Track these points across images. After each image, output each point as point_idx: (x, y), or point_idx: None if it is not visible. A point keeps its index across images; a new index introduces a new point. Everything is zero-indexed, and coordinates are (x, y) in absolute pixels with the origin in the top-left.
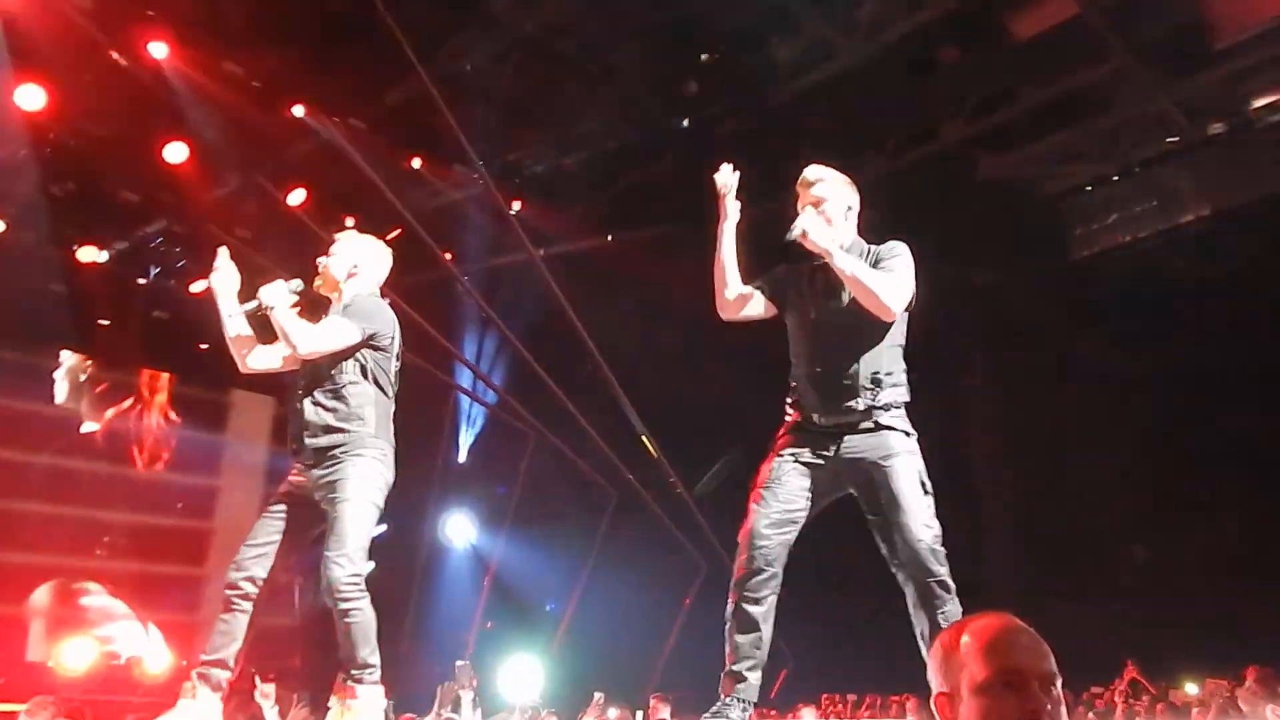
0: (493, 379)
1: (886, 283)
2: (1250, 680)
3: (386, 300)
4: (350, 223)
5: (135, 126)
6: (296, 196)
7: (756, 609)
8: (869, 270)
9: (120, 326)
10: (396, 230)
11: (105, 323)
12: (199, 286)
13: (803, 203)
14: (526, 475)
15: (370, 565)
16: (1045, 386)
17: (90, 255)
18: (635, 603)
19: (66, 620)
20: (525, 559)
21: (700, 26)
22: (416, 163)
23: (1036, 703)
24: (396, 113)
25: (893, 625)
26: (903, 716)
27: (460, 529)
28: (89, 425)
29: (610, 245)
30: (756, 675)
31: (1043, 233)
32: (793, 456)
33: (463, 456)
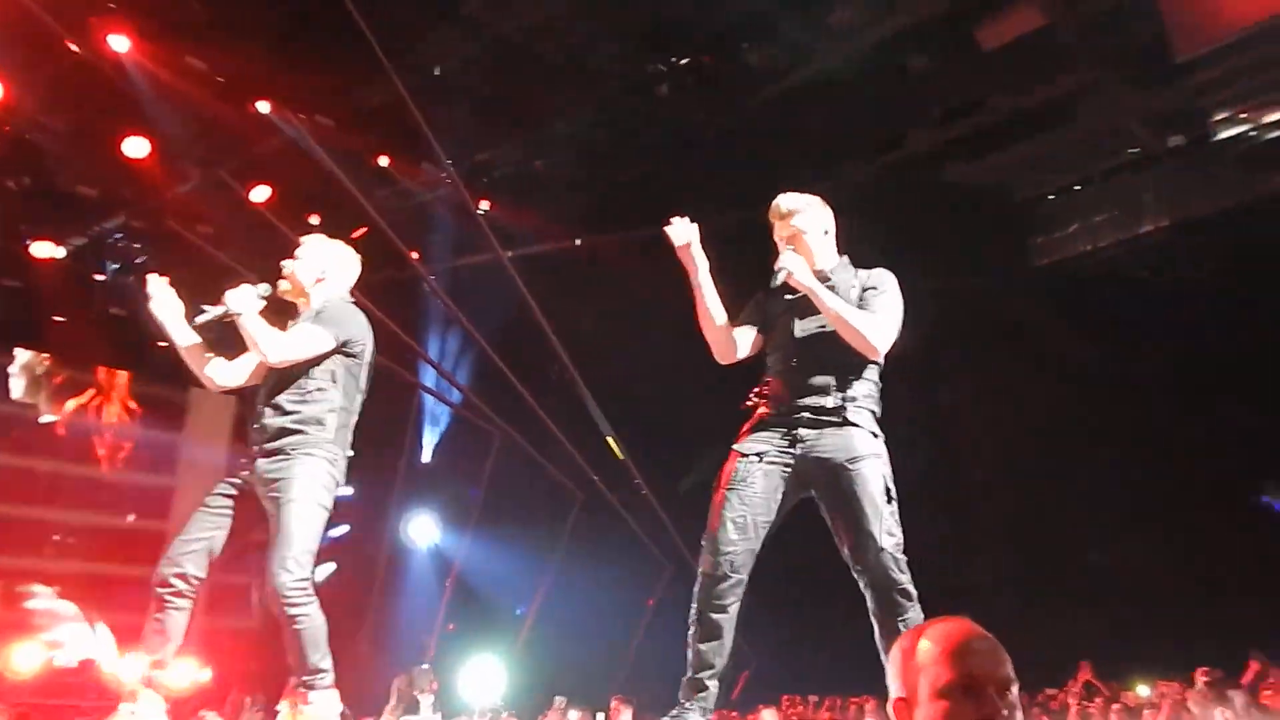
0: (458, 379)
1: (871, 324)
2: (1200, 682)
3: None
4: (316, 221)
5: (94, 120)
6: (261, 194)
7: (720, 616)
8: (854, 311)
9: (77, 323)
10: (363, 229)
11: (61, 319)
12: None
13: (778, 235)
14: (491, 476)
15: (330, 567)
16: (1008, 389)
17: (46, 251)
18: (599, 604)
19: (13, 624)
20: (489, 560)
21: (675, 30)
22: (384, 161)
23: (993, 707)
24: (364, 111)
25: (854, 628)
26: (861, 718)
27: (423, 530)
28: (48, 417)
29: (579, 246)
30: (716, 684)
31: (1008, 239)
32: (758, 456)
33: (426, 457)
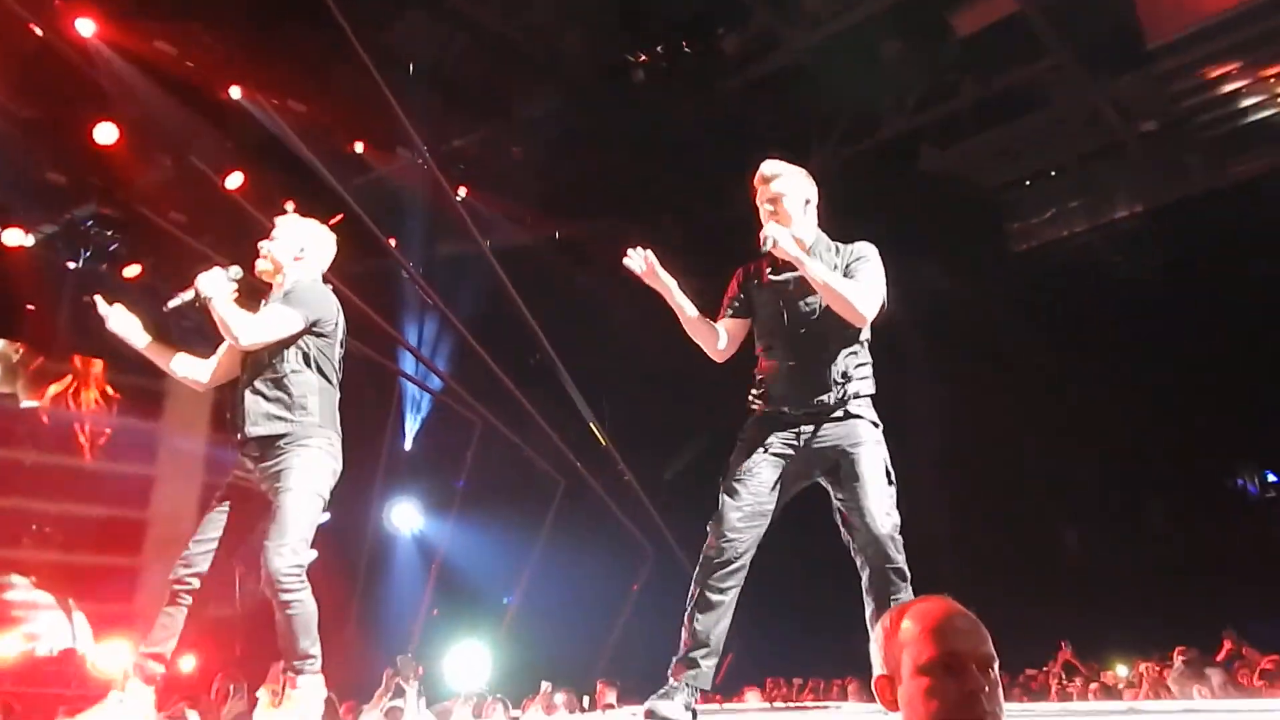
0: (439, 366)
1: (858, 291)
2: (1179, 661)
3: (329, 286)
4: (290, 207)
5: (62, 106)
6: (234, 180)
7: (719, 598)
8: (840, 280)
9: (49, 311)
10: (338, 215)
11: (32, 308)
12: (132, 271)
13: (760, 199)
14: (473, 462)
15: (313, 554)
16: (982, 376)
17: (16, 239)
18: (583, 589)
19: None
20: (472, 546)
21: (648, 16)
22: (359, 147)
23: (975, 684)
24: (338, 96)
25: (836, 611)
26: (844, 698)
27: (406, 516)
28: (29, 403)
29: (558, 230)
30: (710, 664)
31: (982, 226)
32: (763, 448)
33: (408, 444)
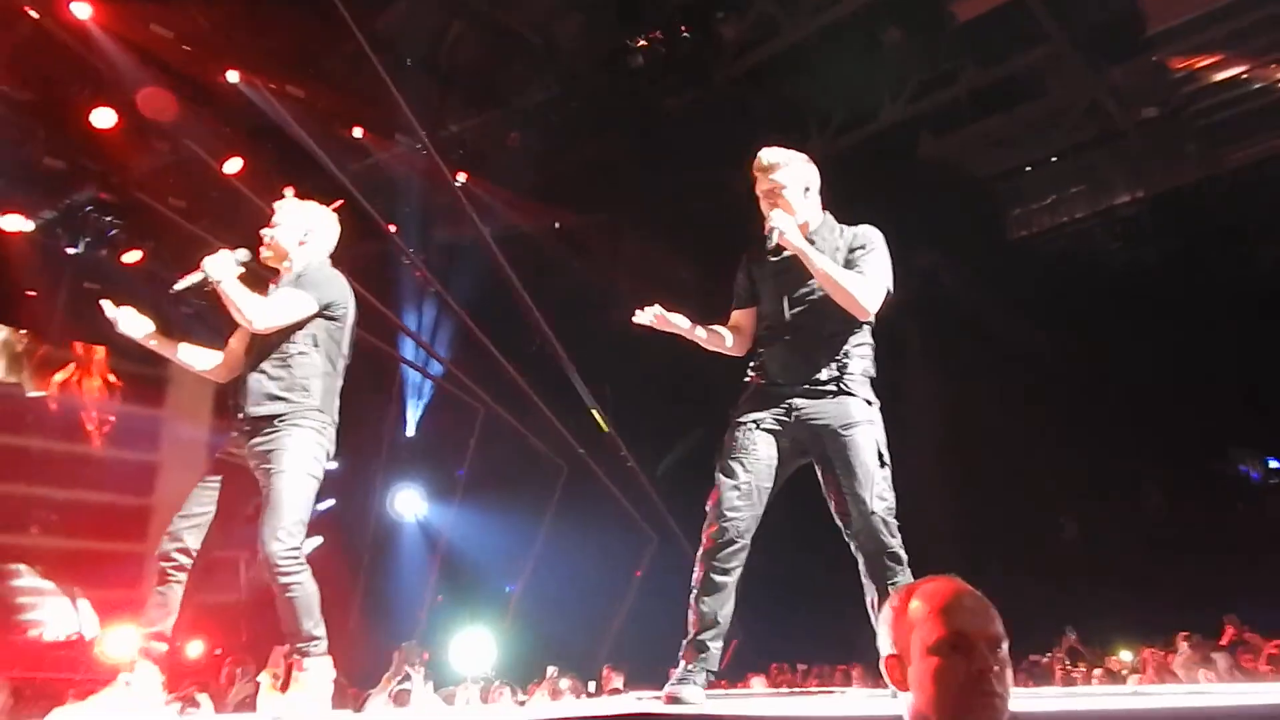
0: (441, 353)
1: (860, 285)
2: (1184, 647)
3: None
4: (290, 192)
5: (59, 90)
6: (233, 165)
7: (724, 579)
8: (844, 273)
9: (49, 298)
10: (339, 201)
11: (33, 294)
12: (132, 256)
13: (759, 189)
14: (476, 449)
15: (317, 540)
16: (981, 363)
17: (16, 224)
18: (587, 574)
19: None
20: (476, 532)
21: (646, 1)
22: (358, 132)
23: (984, 664)
24: (336, 81)
25: (841, 597)
26: (848, 683)
27: (409, 503)
28: (36, 392)
29: (556, 217)
30: (718, 645)
31: (981, 213)
32: (755, 423)
33: (411, 430)
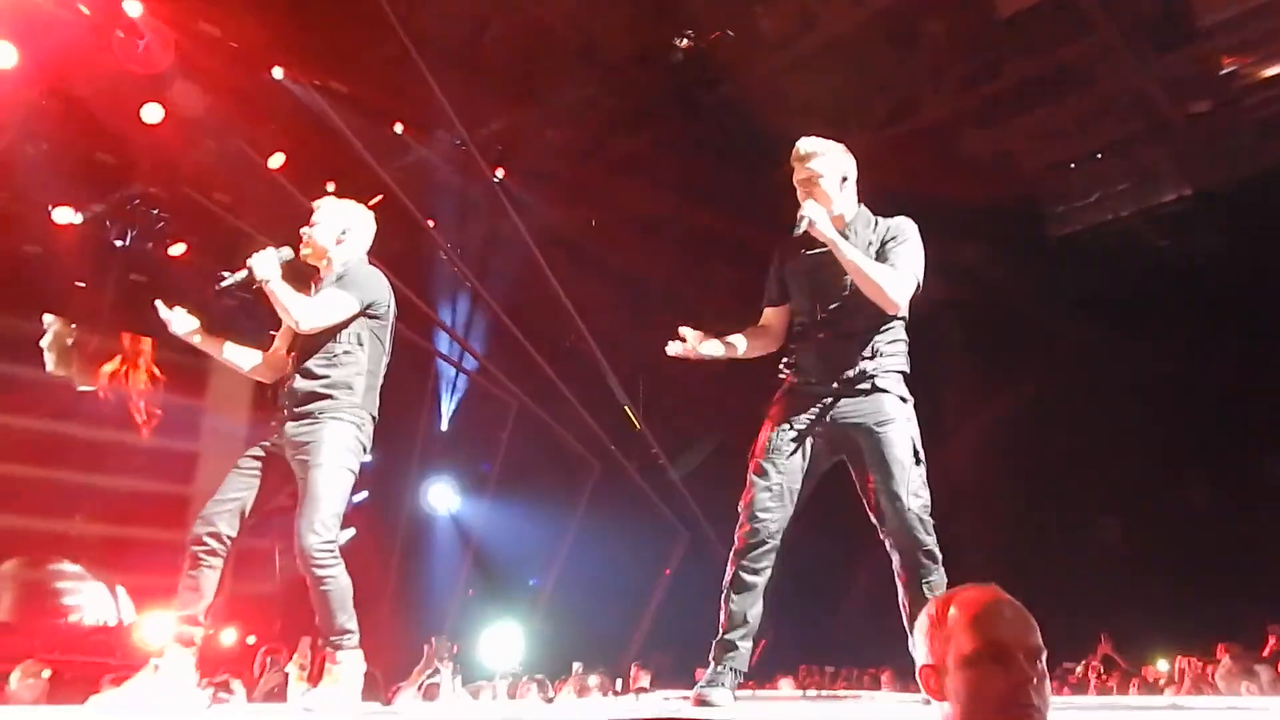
0: (475, 347)
1: (891, 278)
2: (1226, 658)
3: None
4: (331, 188)
5: (111, 86)
6: (276, 160)
7: (755, 579)
8: (873, 265)
9: (97, 289)
10: (378, 196)
11: (82, 285)
12: (177, 249)
13: (796, 178)
14: (509, 444)
15: (350, 532)
16: (1022, 362)
17: (66, 217)
18: (616, 571)
19: (37, 589)
20: (507, 527)
21: None
22: (399, 128)
23: (1023, 676)
24: (378, 77)
25: (870, 598)
26: (877, 687)
27: (442, 497)
28: (84, 386)
29: (594, 214)
30: (747, 645)
31: (1025, 210)
32: (789, 424)
33: (444, 424)
